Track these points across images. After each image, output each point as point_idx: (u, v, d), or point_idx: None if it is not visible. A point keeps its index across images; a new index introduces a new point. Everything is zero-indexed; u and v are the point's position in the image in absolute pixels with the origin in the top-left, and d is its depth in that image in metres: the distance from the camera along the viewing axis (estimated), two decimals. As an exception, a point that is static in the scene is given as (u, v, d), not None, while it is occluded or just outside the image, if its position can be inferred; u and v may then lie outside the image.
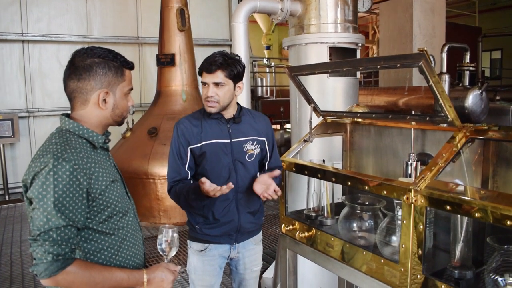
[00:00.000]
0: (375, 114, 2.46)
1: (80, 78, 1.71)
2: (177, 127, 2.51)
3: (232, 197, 2.48)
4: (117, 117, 1.81)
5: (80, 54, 1.75)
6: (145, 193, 6.32)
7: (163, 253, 1.84)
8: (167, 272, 1.78)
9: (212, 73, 2.36)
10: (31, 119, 9.38)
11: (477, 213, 1.49)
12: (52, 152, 1.61)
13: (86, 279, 1.62)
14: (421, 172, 1.80)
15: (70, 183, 1.58)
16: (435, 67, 4.81)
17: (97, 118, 1.76)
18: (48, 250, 1.55)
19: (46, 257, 1.55)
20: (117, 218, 1.76)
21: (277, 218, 6.75)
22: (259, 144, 2.56)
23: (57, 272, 1.56)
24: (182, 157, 2.47)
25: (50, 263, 1.55)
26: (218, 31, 11.25)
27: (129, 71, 1.83)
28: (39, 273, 1.56)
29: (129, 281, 1.70)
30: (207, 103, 2.41)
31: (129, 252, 1.82)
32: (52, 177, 1.56)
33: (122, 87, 1.78)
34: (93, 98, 1.73)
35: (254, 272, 2.71)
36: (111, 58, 1.75)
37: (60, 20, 9.54)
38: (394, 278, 1.85)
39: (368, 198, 2.31)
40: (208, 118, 2.48)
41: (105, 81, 1.72)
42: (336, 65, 2.17)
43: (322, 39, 3.42)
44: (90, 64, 1.71)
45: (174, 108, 6.82)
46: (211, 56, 2.40)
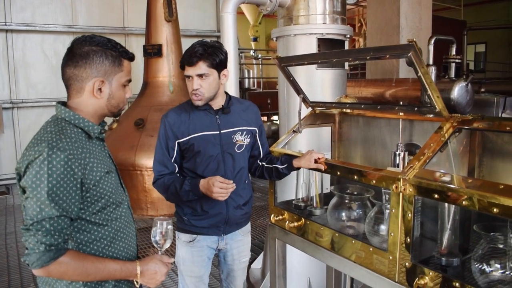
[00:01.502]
0: (364, 105, 2.48)
1: (77, 65, 1.69)
2: (165, 120, 2.47)
3: None
4: (113, 108, 1.78)
5: (79, 41, 1.72)
6: (132, 185, 6.28)
7: (157, 245, 1.83)
8: (161, 264, 1.76)
9: (194, 65, 2.30)
10: (15, 111, 9.24)
11: (465, 201, 1.52)
12: (47, 141, 1.59)
13: (78, 269, 1.61)
14: (410, 161, 1.82)
15: (64, 173, 1.57)
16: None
17: (93, 107, 1.74)
18: (40, 240, 1.53)
19: (38, 247, 1.54)
20: (110, 209, 1.75)
21: (265, 210, 6.78)
22: (248, 134, 2.53)
23: (49, 262, 1.55)
24: (169, 150, 2.45)
25: (42, 253, 1.54)
26: (205, 22, 11.18)
27: (128, 62, 1.80)
28: (31, 263, 1.55)
29: (122, 273, 1.70)
30: (193, 96, 2.37)
31: (122, 244, 1.81)
32: (46, 167, 1.54)
33: (119, 77, 1.75)
34: (88, 86, 1.71)
35: (242, 263, 2.72)
36: (110, 47, 1.73)
37: (44, 9, 9.39)
38: (383, 266, 1.88)
39: (357, 188, 2.34)
40: (196, 109, 2.44)
41: (101, 69, 1.70)
42: (326, 56, 2.18)
43: (311, 30, 3.42)
44: (87, 52, 1.69)
45: (161, 100, 6.77)
46: (190, 47, 2.34)
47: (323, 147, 3.08)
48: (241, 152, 2.51)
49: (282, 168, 2.45)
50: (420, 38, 5.49)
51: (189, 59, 2.30)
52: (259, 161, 2.61)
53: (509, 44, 18.13)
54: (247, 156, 2.57)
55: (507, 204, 1.39)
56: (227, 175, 2.46)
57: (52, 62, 9.46)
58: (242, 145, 2.51)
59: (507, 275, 1.60)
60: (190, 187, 2.33)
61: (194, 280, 2.59)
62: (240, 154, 2.51)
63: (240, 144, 2.50)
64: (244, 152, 2.54)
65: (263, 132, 2.66)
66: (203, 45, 2.32)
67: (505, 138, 2.02)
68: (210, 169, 2.44)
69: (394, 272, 1.83)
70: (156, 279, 1.76)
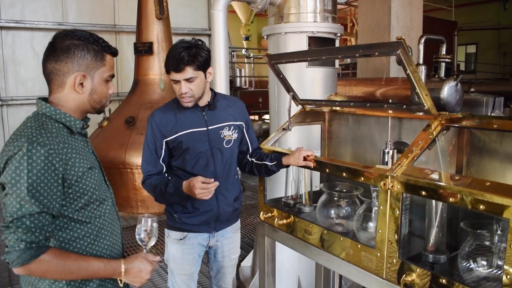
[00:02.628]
0: (353, 103, 2.48)
1: (58, 59, 1.66)
2: (151, 120, 2.46)
3: None
4: (95, 103, 1.75)
5: (61, 36, 1.70)
6: (123, 183, 6.26)
7: (142, 243, 1.81)
8: (146, 263, 1.73)
9: (181, 71, 2.28)
10: (4, 108, 9.16)
11: (451, 198, 1.53)
12: (26, 136, 1.55)
13: (60, 268, 1.57)
14: (398, 159, 1.83)
15: (45, 168, 1.53)
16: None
17: (74, 102, 1.70)
18: (20, 238, 1.50)
19: (18, 244, 1.50)
20: (94, 206, 1.72)
21: (256, 208, 6.78)
22: (236, 129, 2.53)
23: (30, 260, 1.51)
24: (157, 150, 2.44)
25: (22, 251, 1.50)
26: (196, 20, 11.15)
27: (111, 57, 1.77)
28: (11, 261, 1.51)
29: (105, 271, 1.67)
30: (182, 99, 2.36)
31: (106, 242, 1.77)
32: (26, 162, 1.50)
33: (101, 72, 1.72)
34: (69, 81, 1.67)
35: (232, 260, 2.72)
36: (92, 42, 1.70)
37: (34, 6, 9.31)
38: (371, 263, 1.88)
39: (346, 186, 2.34)
40: (183, 108, 2.43)
41: (83, 64, 1.67)
42: (316, 53, 2.18)
43: (302, 29, 3.42)
44: (69, 46, 1.66)
45: (152, 97, 6.75)
46: (173, 51, 2.29)
47: (313, 145, 3.09)
48: (230, 147, 2.51)
49: (271, 165, 2.45)
50: (411, 38, 5.52)
51: (176, 65, 2.27)
52: (248, 156, 2.61)
53: (499, 45, 18.29)
54: (236, 151, 2.58)
55: (493, 201, 1.40)
56: (216, 171, 2.46)
57: (42, 60, 9.38)
58: (230, 140, 2.51)
59: (493, 272, 1.61)
60: (174, 190, 2.33)
61: (184, 277, 2.59)
62: (228, 149, 2.51)
63: (228, 139, 2.50)
64: (233, 147, 2.54)
65: (251, 127, 2.66)
66: (187, 48, 2.27)
67: (492, 136, 2.03)
68: (199, 165, 2.44)
69: (382, 269, 1.83)
70: (141, 277, 1.72)
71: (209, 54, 2.36)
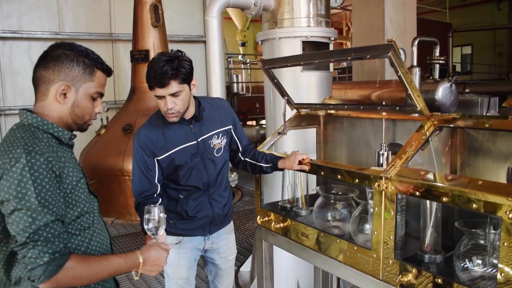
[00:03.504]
0: (347, 106, 2.50)
1: (46, 66, 1.63)
2: (138, 139, 2.38)
3: (204, 194, 2.48)
4: (76, 118, 1.69)
5: (56, 45, 1.68)
6: (121, 190, 6.28)
7: (151, 232, 1.81)
8: (160, 250, 1.73)
9: (165, 86, 2.18)
10: (1, 118, 9.17)
11: (445, 197, 1.54)
12: (21, 146, 1.49)
13: (86, 271, 1.55)
14: (391, 160, 1.84)
15: (48, 176, 1.49)
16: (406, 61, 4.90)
17: (56, 112, 1.65)
18: (42, 251, 1.45)
19: (42, 258, 1.45)
20: (83, 218, 1.68)
21: (253, 213, 6.77)
22: (224, 135, 2.51)
23: (57, 270, 1.46)
24: (149, 168, 2.37)
25: (48, 263, 1.45)
26: (192, 27, 11.18)
27: (103, 75, 1.72)
28: (38, 277, 1.45)
29: (126, 265, 1.65)
30: (168, 115, 2.27)
31: (96, 253, 1.74)
32: (29, 173, 1.45)
33: (88, 86, 1.67)
34: (53, 89, 1.63)
35: (230, 261, 2.74)
36: (84, 55, 1.67)
37: (31, 16, 9.35)
38: (367, 265, 1.89)
39: (342, 188, 2.35)
40: (169, 123, 2.35)
41: (69, 74, 1.63)
42: (309, 57, 2.20)
43: (295, 33, 3.45)
44: (59, 55, 1.64)
45: (149, 105, 6.78)
46: (155, 66, 2.17)
47: (309, 148, 3.10)
48: (221, 154, 2.51)
49: (266, 167, 2.47)
50: (405, 40, 5.55)
51: (160, 81, 2.17)
52: (240, 155, 2.62)
53: (494, 45, 18.37)
54: (227, 156, 2.58)
55: (486, 199, 1.41)
56: (210, 180, 2.48)
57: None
58: (221, 148, 2.50)
59: (488, 271, 1.62)
60: None
61: (181, 282, 2.60)
62: (220, 157, 2.50)
63: (218, 147, 2.48)
64: (224, 154, 2.54)
65: (238, 125, 2.61)
66: (168, 61, 2.17)
67: (486, 135, 2.05)
68: (192, 177, 2.43)
69: (379, 270, 1.84)
70: (159, 265, 1.73)
71: (191, 66, 2.27)
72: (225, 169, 2.58)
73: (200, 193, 2.46)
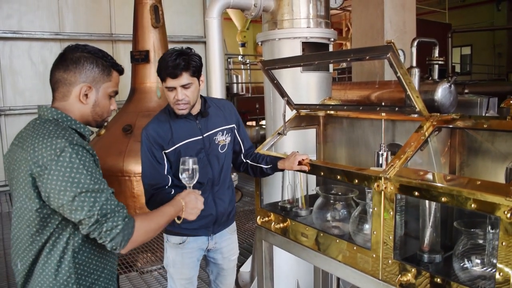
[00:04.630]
0: (346, 106, 2.51)
1: (67, 69, 1.71)
2: (146, 133, 2.42)
3: (209, 191, 2.50)
4: (97, 116, 1.80)
5: (72, 47, 1.76)
6: (121, 190, 6.28)
7: (185, 181, 2.02)
8: (196, 195, 1.97)
9: (177, 77, 2.27)
10: (2, 118, 9.19)
11: (443, 197, 1.55)
12: (61, 136, 1.58)
13: (152, 224, 1.71)
14: (390, 160, 1.85)
15: (92, 160, 1.62)
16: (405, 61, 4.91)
17: (78, 112, 1.75)
18: (114, 221, 1.57)
19: (116, 226, 1.57)
20: None
21: (253, 214, 6.78)
22: (229, 132, 2.57)
23: (132, 232, 1.61)
24: (159, 162, 2.41)
25: (123, 229, 1.58)
26: (192, 28, 11.21)
27: (117, 74, 1.83)
28: (119, 244, 1.59)
29: (175, 210, 1.87)
30: (178, 106, 2.34)
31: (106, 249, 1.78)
32: (78, 159, 1.55)
33: (106, 86, 1.78)
34: (75, 91, 1.72)
35: (232, 261, 2.75)
36: (101, 57, 1.76)
37: (31, 16, 9.37)
38: (367, 264, 1.90)
39: (341, 189, 2.37)
40: (176, 118, 2.42)
41: (90, 76, 1.72)
42: (308, 58, 2.21)
43: (295, 34, 3.46)
44: (79, 57, 1.72)
45: (149, 105, 6.79)
46: (168, 58, 2.27)
47: (309, 149, 3.11)
48: (225, 151, 2.55)
49: (267, 169, 2.49)
50: (404, 41, 5.56)
51: (172, 71, 2.26)
52: (243, 157, 2.65)
53: (494, 46, 18.38)
54: (230, 154, 2.62)
55: (484, 199, 1.42)
56: (214, 177, 2.50)
57: (39, 69, 9.43)
58: (225, 145, 2.54)
59: (487, 270, 1.63)
60: None
61: (184, 282, 2.61)
62: (224, 154, 2.55)
63: (222, 144, 2.53)
64: (228, 151, 2.58)
65: (241, 127, 2.68)
66: (181, 55, 2.28)
67: (484, 136, 2.06)
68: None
69: (378, 270, 1.85)
70: (197, 207, 1.96)
71: (201, 61, 2.37)
72: (229, 167, 2.60)
73: (204, 190, 2.46)
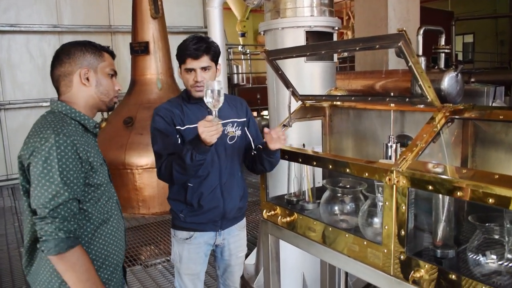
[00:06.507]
0: (354, 97, 2.45)
1: (62, 63, 1.83)
2: (158, 111, 2.43)
3: (217, 183, 2.45)
4: (103, 96, 1.88)
5: (62, 46, 1.89)
6: (123, 183, 6.24)
7: (210, 105, 2.02)
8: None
9: (199, 58, 2.32)
10: (2, 112, 9.13)
11: (460, 192, 1.49)
12: (51, 127, 1.68)
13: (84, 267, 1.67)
14: (402, 153, 1.79)
15: (72, 157, 1.66)
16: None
17: (84, 98, 1.84)
18: (58, 227, 1.61)
19: (57, 233, 1.60)
20: (103, 202, 1.84)
21: (258, 205, 6.75)
22: (239, 125, 2.54)
23: (67, 249, 1.62)
24: (173, 135, 2.37)
25: (61, 239, 1.61)
26: (192, 18, 11.12)
27: (109, 56, 1.93)
28: (48, 249, 1.61)
29: None
30: (196, 88, 2.37)
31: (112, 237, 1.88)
32: (55, 152, 1.62)
33: (103, 66, 1.88)
34: (75, 78, 1.83)
35: (239, 258, 2.72)
36: (89, 45, 1.88)
37: (29, 10, 9.28)
38: (377, 260, 1.85)
39: (349, 181, 2.31)
40: (188, 103, 2.44)
41: (84, 60, 1.83)
42: (315, 48, 2.14)
43: (299, 23, 3.38)
44: (69, 50, 1.85)
45: (150, 97, 6.72)
46: (189, 42, 2.34)
47: (314, 140, 3.05)
48: (234, 143, 2.51)
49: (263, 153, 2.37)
50: (408, 29, 5.46)
51: (195, 52, 2.32)
52: (252, 152, 2.56)
53: (496, 34, 18.25)
54: (241, 149, 2.56)
55: (503, 194, 1.36)
56: (221, 168, 2.46)
57: (38, 63, 9.36)
58: (234, 136, 2.51)
59: (503, 265, 1.58)
60: (190, 145, 2.15)
61: (191, 277, 2.58)
62: (232, 145, 2.50)
63: (231, 135, 2.50)
64: (237, 144, 2.53)
65: (252, 125, 2.66)
66: (203, 39, 2.37)
67: (497, 127, 1.99)
68: (204, 162, 2.39)
69: (389, 266, 1.80)
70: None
71: (219, 50, 2.44)
72: (238, 161, 2.55)
73: (210, 181, 2.42)
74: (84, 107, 1.85)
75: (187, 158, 2.16)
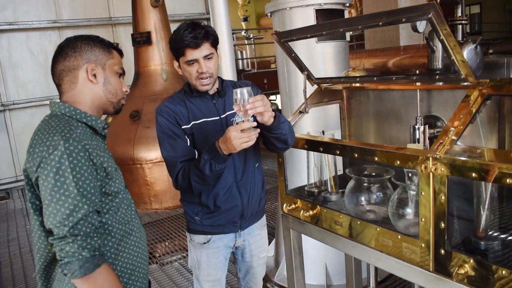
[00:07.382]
0: (376, 77, 2.26)
1: (67, 56, 1.63)
2: (161, 111, 2.21)
3: (232, 180, 2.25)
4: (111, 96, 1.69)
5: (66, 40, 1.69)
6: (133, 179, 6.11)
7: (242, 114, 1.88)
8: None
9: (199, 46, 2.08)
10: (6, 113, 9.01)
11: (509, 179, 1.32)
12: (58, 133, 1.47)
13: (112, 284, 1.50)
14: (438, 137, 1.61)
15: (86, 164, 1.47)
16: (426, 26, 4.61)
17: (90, 96, 1.64)
18: (81, 246, 1.41)
19: (80, 252, 1.41)
20: (122, 210, 1.65)
21: (273, 193, 6.59)
22: None
23: (94, 269, 1.43)
24: (181, 137, 2.17)
25: (86, 259, 1.42)
26: (193, 5, 10.89)
27: (118, 54, 1.76)
28: (72, 271, 1.42)
29: None
30: (201, 81, 2.14)
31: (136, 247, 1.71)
32: (67, 160, 1.42)
33: (112, 64, 1.70)
34: (82, 74, 1.64)
35: (261, 258, 2.53)
36: (97, 39, 1.71)
37: (26, 6, 9.10)
38: (414, 255, 1.69)
39: (374, 169, 2.13)
40: (191, 97, 2.23)
41: (92, 55, 1.65)
42: (331, 26, 1.95)
43: (308, 2, 3.19)
44: (75, 43, 1.65)
45: (155, 89, 6.55)
46: (185, 31, 2.08)
47: (331, 125, 2.89)
48: None
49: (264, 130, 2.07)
50: (418, 2, 5.25)
51: (194, 41, 2.07)
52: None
53: (504, 3, 17.80)
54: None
55: None
56: (235, 164, 2.25)
57: (40, 60, 9.21)
58: None
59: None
60: (208, 155, 2.00)
61: (212, 284, 2.41)
62: None
63: None
64: None
65: None
66: (197, 26, 2.11)
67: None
68: None
69: (428, 261, 1.64)
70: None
71: (216, 33, 2.21)
72: (252, 152, 2.30)
73: (225, 179, 2.22)
74: (90, 107, 1.65)
75: (206, 170, 2.00)
